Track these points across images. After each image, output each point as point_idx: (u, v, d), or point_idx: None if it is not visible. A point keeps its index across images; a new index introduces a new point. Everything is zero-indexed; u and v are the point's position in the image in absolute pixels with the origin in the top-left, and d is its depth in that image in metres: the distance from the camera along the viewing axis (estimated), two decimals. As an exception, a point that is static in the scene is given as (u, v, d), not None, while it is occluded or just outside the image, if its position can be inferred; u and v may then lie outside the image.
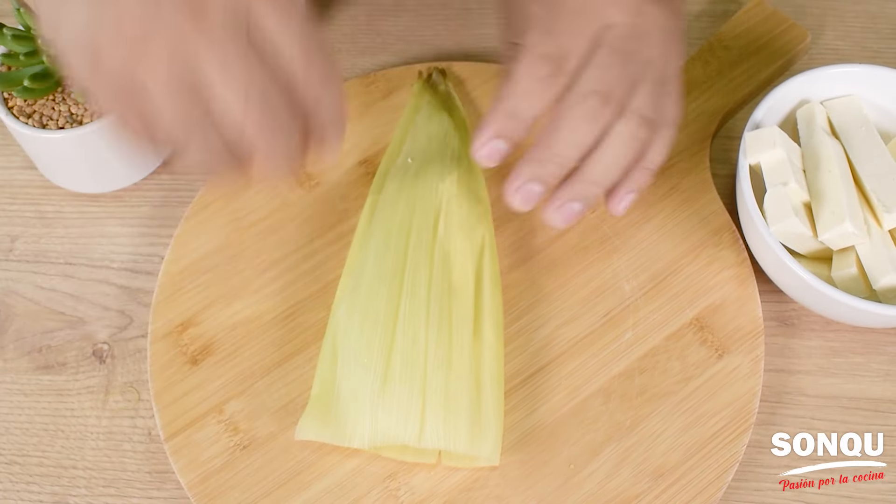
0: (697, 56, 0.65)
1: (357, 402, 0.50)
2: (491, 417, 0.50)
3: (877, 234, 0.54)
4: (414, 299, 0.52)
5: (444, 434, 0.49)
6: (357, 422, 0.50)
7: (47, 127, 0.57)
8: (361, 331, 0.51)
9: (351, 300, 0.52)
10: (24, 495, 0.54)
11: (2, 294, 0.60)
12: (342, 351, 0.51)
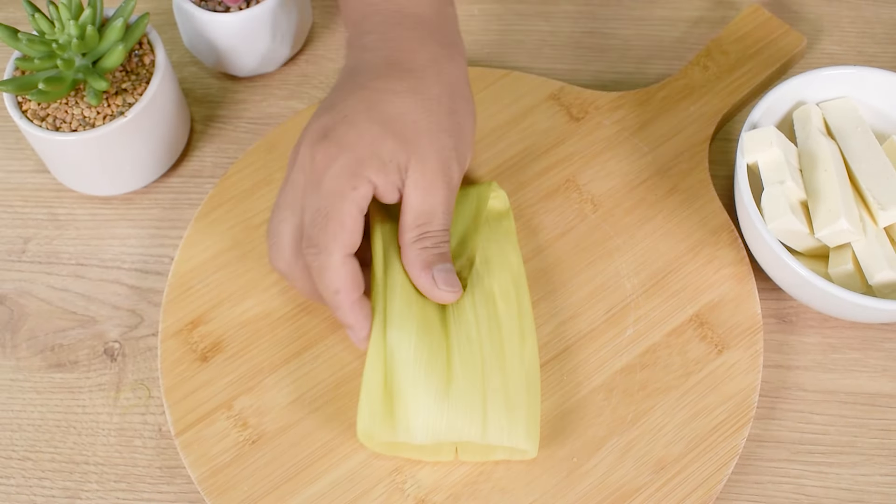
0: (696, 61, 0.66)
1: (420, 401, 0.50)
2: (537, 414, 0.52)
3: (872, 231, 0.55)
4: (459, 307, 0.53)
5: (506, 431, 0.50)
6: (421, 419, 0.50)
7: (60, 130, 0.59)
8: (419, 337, 0.51)
9: (401, 315, 0.52)
10: (36, 490, 0.55)
11: (15, 294, 0.61)
12: (398, 357, 0.51)
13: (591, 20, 0.72)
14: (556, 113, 0.65)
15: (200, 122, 0.68)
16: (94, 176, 0.62)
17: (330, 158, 0.50)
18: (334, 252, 0.50)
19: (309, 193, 0.51)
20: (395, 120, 0.51)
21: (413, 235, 0.52)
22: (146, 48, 0.62)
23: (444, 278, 0.52)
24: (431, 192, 0.52)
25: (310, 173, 0.51)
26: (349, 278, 0.50)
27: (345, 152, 0.50)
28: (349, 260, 0.50)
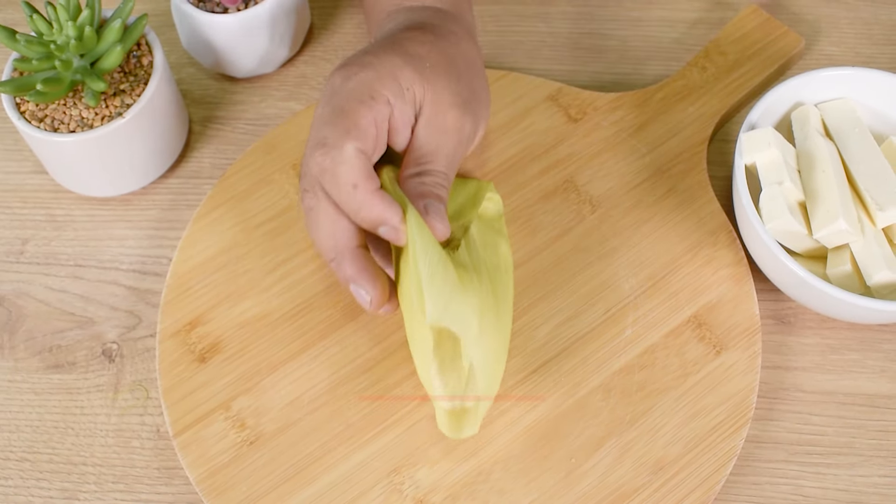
0: (694, 62, 0.66)
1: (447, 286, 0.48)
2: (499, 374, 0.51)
3: (870, 231, 0.55)
4: (457, 257, 0.52)
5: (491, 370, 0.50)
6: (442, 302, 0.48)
7: (58, 131, 0.59)
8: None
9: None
10: (34, 491, 0.55)
11: (13, 295, 0.61)
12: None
13: (590, 21, 0.72)
14: (554, 114, 0.65)
15: (199, 123, 0.68)
16: (92, 177, 0.62)
17: (348, 75, 0.50)
18: (346, 145, 0.48)
19: (324, 105, 0.50)
20: (416, 58, 0.52)
21: (413, 171, 0.51)
22: (144, 49, 0.62)
23: (435, 209, 0.50)
24: (440, 134, 0.52)
25: (327, 94, 0.51)
26: (365, 170, 0.48)
27: (364, 70, 0.50)
28: (363, 155, 0.48)
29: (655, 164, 0.62)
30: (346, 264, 0.50)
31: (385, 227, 0.49)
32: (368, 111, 0.49)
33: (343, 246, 0.50)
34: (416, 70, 0.51)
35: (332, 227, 0.50)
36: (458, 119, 0.52)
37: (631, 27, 0.72)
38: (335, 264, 0.50)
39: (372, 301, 0.50)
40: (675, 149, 0.63)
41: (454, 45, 0.55)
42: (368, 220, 0.49)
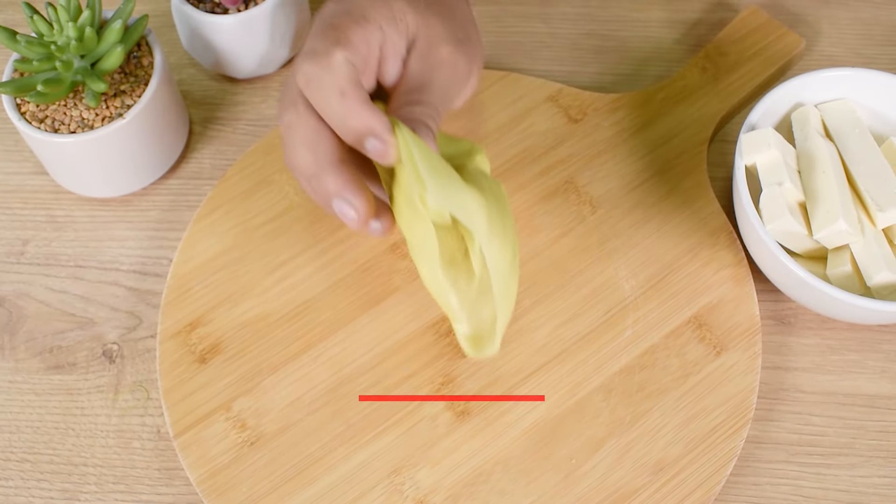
0: (694, 62, 0.67)
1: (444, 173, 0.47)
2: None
3: (870, 232, 0.55)
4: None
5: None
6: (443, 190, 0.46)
7: (59, 131, 0.59)
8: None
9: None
10: (35, 492, 0.55)
11: (14, 296, 0.61)
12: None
13: (590, 22, 0.72)
14: (554, 114, 0.65)
15: (199, 124, 0.68)
16: (93, 178, 0.62)
17: (339, 7, 0.49)
18: (335, 53, 0.45)
19: (314, 25, 0.48)
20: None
21: (404, 100, 0.49)
22: (145, 50, 0.62)
23: (425, 133, 0.48)
24: (433, 68, 0.50)
25: (319, 16, 0.49)
26: (353, 78, 0.45)
27: (355, 1, 0.49)
28: (352, 65, 0.46)
29: (656, 165, 0.63)
30: (329, 178, 0.46)
31: (373, 141, 0.45)
32: (360, 29, 0.47)
33: (324, 160, 0.46)
34: (409, 3, 0.49)
35: (314, 140, 0.46)
36: (452, 55, 0.50)
37: (631, 28, 0.72)
38: (315, 181, 0.47)
39: (358, 213, 0.46)
40: (676, 149, 0.63)
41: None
42: (355, 129, 0.45)
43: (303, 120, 0.47)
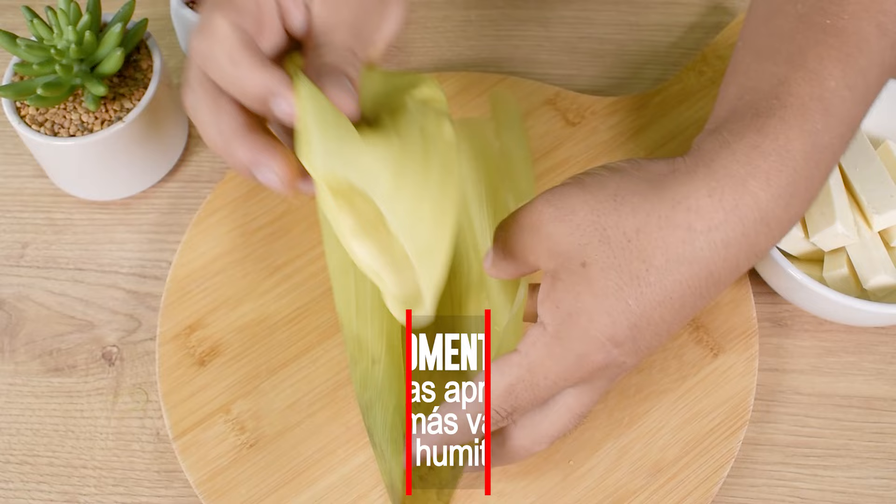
0: (691, 66, 0.67)
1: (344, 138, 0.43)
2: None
3: (867, 235, 0.56)
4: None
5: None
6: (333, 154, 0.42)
7: (58, 135, 0.59)
8: None
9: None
10: (34, 494, 0.55)
11: (13, 299, 0.61)
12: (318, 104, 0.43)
13: (587, 26, 0.73)
14: (551, 118, 0.65)
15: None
16: (92, 181, 0.62)
17: None
18: (218, 21, 0.43)
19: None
20: None
21: (312, 50, 0.46)
22: (144, 53, 0.62)
23: (336, 82, 0.44)
24: (336, 6, 0.46)
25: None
26: (242, 42, 0.43)
27: None
28: (239, 29, 0.43)
29: (653, 168, 0.63)
30: (238, 149, 0.44)
31: (276, 100, 0.43)
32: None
33: (229, 131, 0.44)
34: None
35: (214, 115, 0.44)
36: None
37: (628, 32, 0.72)
38: (228, 156, 0.45)
39: (280, 175, 0.44)
40: (673, 153, 0.63)
41: None
42: (253, 93, 0.43)
43: (200, 97, 0.45)
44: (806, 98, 0.43)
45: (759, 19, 0.48)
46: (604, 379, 0.45)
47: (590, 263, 0.42)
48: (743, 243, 0.42)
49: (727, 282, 0.43)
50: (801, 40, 0.44)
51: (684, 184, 0.42)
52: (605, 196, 0.43)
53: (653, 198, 0.42)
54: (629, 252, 0.42)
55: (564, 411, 0.47)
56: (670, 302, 0.42)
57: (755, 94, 0.44)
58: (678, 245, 0.41)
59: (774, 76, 0.44)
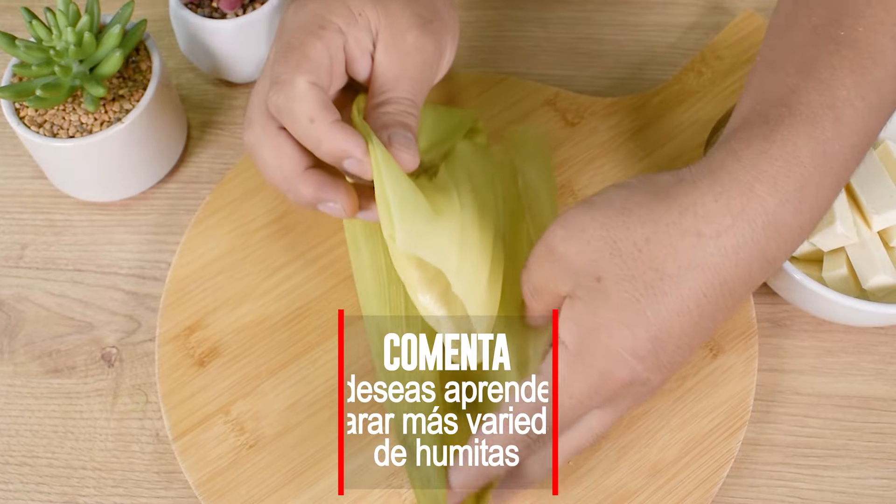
0: (690, 66, 0.67)
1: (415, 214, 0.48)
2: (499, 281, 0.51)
3: (866, 235, 0.56)
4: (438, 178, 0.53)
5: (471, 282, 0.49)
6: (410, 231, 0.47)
7: (58, 136, 0.59)
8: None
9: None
10: (34, 496, 0.55)
11: (13, 300, 0.61)
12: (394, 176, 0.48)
13: (586, 26, 0.73)
14: (551, 118, 0.65)
15: (197, 128, 0.68)
16: (92, 182, 0.62)
17: (298, 7, 0.49)
18: (297, 79, 0.46)
19: (276, 43, 0.49)
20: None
21: (376, 101, 0.49)
22: (143, 54, 0.62)
23: (400, 139, 0.48)
24: (401, 58, 0.49)
25: (279, 30, 0.49)
26: (320, 102, 0.46)
27: (312, 2, 0.49)
28: (317, 88, 0.46)
29: (652, 169, 0.63)
30: (302, 188, 0.48)
31: (348, 160, 0.46)
32: (318, 41, 0.47)
33: (292, 172, 0.48)
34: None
35: (277, 157, 0.48)
36: (418, 40, 0.49)
37: (627, 32, 0.72)
38: (292, 195, 0.49)
39: (343, 208, 0.48)
40: (672, 153, 0.63)
41: None
42: (330, 153, 0.46)
43: (262, 140, 0.48)
44: (816, 106, 0.43)
45: (775, 33, 0.48)
46: (628, 398, 0.45)
47: (604, 277, 0.42)
48: (753, 249, 0.42)
49: (742, 292, 0.43)
50: (814, 51, 0.45)
51: (690, 192, 0.42)
52: (614, 211, 0.43)
53: (660, 207, 0.42)
54: (641, 262, 0.42)
55: (585, 431, 0.47)
56: (688, 312, 0.42)
57: (765, 104, 0.44)
58: (688, 251, 0.41)
59: (786, 86, 0.44)
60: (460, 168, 0.53)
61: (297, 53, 0.47)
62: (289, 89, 0.46)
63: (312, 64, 0.47)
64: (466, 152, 0.54)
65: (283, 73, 0.46)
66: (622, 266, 0.42)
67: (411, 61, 0.49)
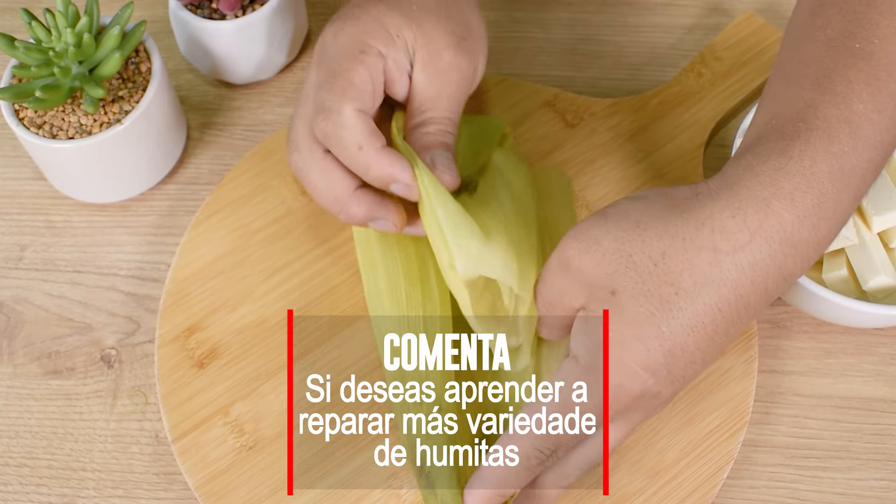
0: (690, 67, 0.67)
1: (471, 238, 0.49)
2: None
3: (866, 236, 0.55)
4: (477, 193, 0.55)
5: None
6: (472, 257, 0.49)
7: (57, 137, 0.59)
8: None
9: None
10: (33, 497, 0.55)
11: (12, 301, 0.61)
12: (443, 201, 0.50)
13: (586, 27, 0.73)
14: (550, 119, 0.65)
15: (197, 130, 0.68)
16: (91, 183, 0.62)
17: (336, 31, 0.50)
18: (344, 107, 0.48)
19: (317, 68, 0.50)
20: (402, 2, 0.51)
21: (416, 121, 0.51)
22: (143, 56, 0.62)
23: (442, 161, 0.51)
24: (438, 77, 0.51)
25: (319, 53, 0.51)
26: (368, 130, 0.48)
27: (351, 23, 0.50)
28: (363, 115, 0.48)
29: (652, 170, 0.63)
30: (354, 209, 0.50)
31: (396, 185, 0.49)
32: (360, 67, 0.49)
33: (343, 194, 0.50)
34: (402, 14, 0.50)
35: (326, 180, 0.50)
36: (455, 58, 0.51)
37: (627, 33, 0.72)
38: (343, 215, 0.51)
39: (394, 225, 0.51)
40: (672, 154, 0.63)
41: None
42: (379, 178, 0.49)
43: (310, 164, 0.50)
44: (833, 121, 0.43)
45: (789, 45, 0.48)
46: (639, 411, 0.45)
47: (619, 291, 0.42)
48: (770, 265, 0.42)
49: (757, 308, 0.43)
50: (830, 64, 0.44)
51: (707, 206, 0.42)
52: (629, 224, 0.43)
53: (676, 221, 0.42)
54: (656, 276, 0.42)
55: (597, 446, 0.46)
56: (703, 327, 0.42)
57: (781, 118, 0.44)
58: (705, 267, 0.41)
59: (802, 100, 0.44)
60: (498, 180, 0.54)
61: (342, 80, 0.48)
62: (336, 117, 0.48)
63: (357, 90, 0.48)
64: (500, 162, 0.56)
65: (330, 100, 0.48)
66: (637, 280, 0.42)
67: (448, 80, 0.51)
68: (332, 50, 0.50)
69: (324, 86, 0.49)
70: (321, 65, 0.50)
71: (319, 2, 0.74)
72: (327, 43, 0.50)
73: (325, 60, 0.50)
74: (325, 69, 0.50)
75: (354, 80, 0.49)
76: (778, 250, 0.42)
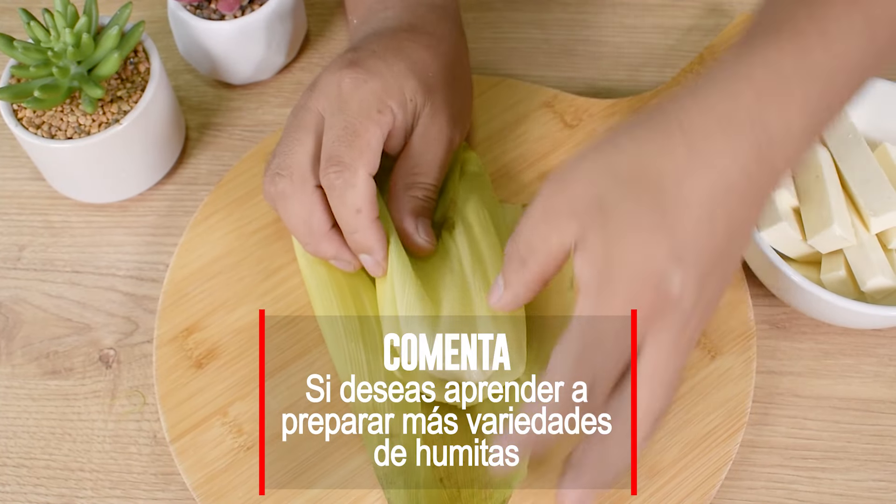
0: (689, 68, 0.67)
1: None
2: (523, 337, 0.53)
3: (864, 237, 0.56)
4: (442, 245, 0.56)
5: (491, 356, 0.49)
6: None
7: (56, 137, 0.59)
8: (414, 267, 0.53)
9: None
10: (31, 497, 0.55)
11: (10, 302, 0.61)
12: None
13: (585, 28, 0.73)
14: (549, 120, 0.65)
15: (195, 130, 0.68)
16: (90, 183, 0.62)
17: (359, 82, 0.52)
18: (359, 169, 0.50)
19: (334, 113, 0.52)
20: (419, 65, 0.54)
21: (408, 182, 0.54)
22: (141, 56, 0.62)
23: (425, 228, 0.54)
24: (433, 145, 0.54)
25: (335, 97, 0.52)
26: (370, 197, 0.51)
27: (374, 78, 0.52)
28: (371, 181, 0.51)
29: (650, 170, 0.63)
30: (324, 246, 0.53)
31: (368, 258, 0.52)
32: (377, 127, 0.51)
33: (318, 230, 0.52)
34: (419, 80, 0.53)
35: (307, 215, 0.52)
36: (450, 131, 0.55)
37: (626, 34, 0.72)
38: (311, 248, 0.53)
39: (354, 266, 0.54)
40: (670, 155, 0.63)
41: (452, 49, 0.56)
42: (358, 243, 0.52)
43: (297, 195, 0.52)
44: (800, 19, 0.44)
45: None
46: (668, 330, 0.42)
47: (607, 206, 0.42)
48: (747, 148, 0.42)
49: (751, 198, 0.43)
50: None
51: (671, 110, 0.44)
52: (601, 140, 0.45)
53: (647, 125, 0.44)
54: (640, 182, 0.42)
55: (647, 379, 0.43)
56: (699, 222, 0.42)
57: (751, 32, 0.46)
58: (682, 160, 0.42)
59: (774, 14, 0.46)
60: (460, 225, 0.56)
61: (362, 142, 0.51)
62: (349, 176, 0.50)
63: (372, 154, 0.51)
64: (463, 206, 0.56)
65: (348, 156, 0.50)
66: (623, 189, 0.42)
67: (441, 148, 0.55)
68: (353, 104, 0.52)
69: (343, 139, 0.51)
70: (339, 114, 0.51)
71: (319, 2, 0.74)
72: (347, 93, 0.52)
73: (346, 112, 0.51)
74: (345, 123, 0.51)
75: (371, 142, 0.51)
76: (748, 129, 0.42)
